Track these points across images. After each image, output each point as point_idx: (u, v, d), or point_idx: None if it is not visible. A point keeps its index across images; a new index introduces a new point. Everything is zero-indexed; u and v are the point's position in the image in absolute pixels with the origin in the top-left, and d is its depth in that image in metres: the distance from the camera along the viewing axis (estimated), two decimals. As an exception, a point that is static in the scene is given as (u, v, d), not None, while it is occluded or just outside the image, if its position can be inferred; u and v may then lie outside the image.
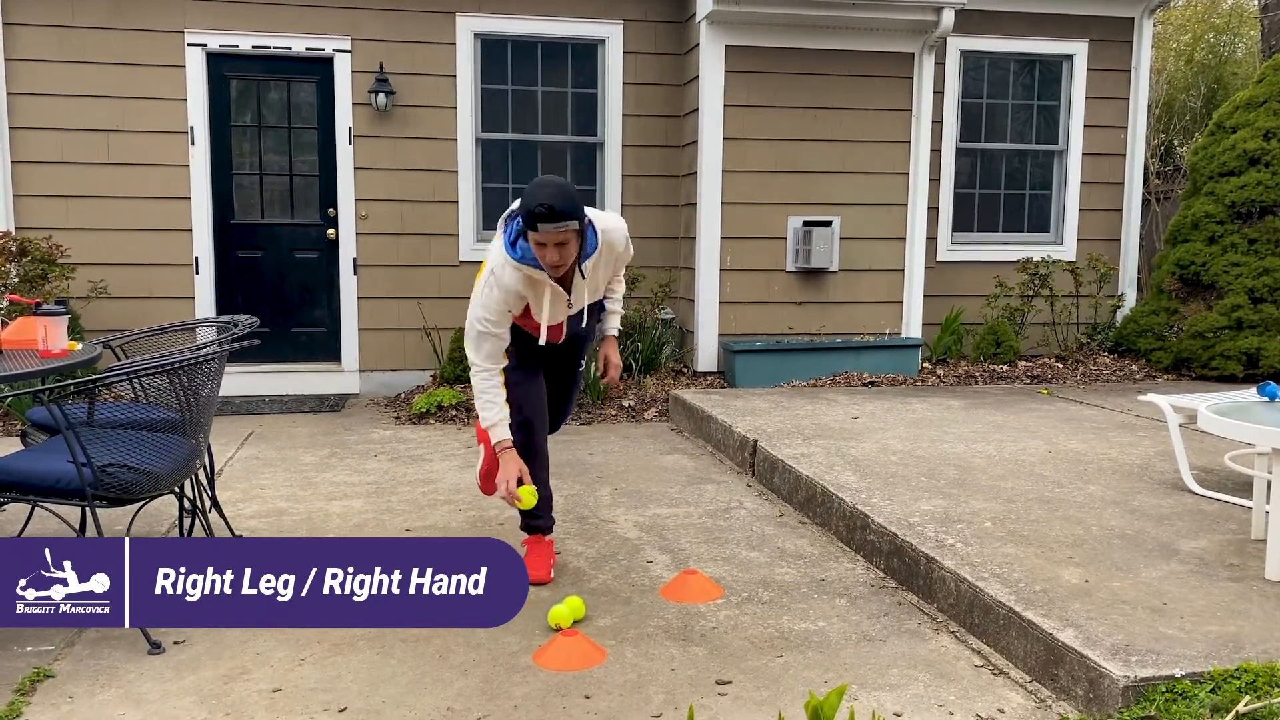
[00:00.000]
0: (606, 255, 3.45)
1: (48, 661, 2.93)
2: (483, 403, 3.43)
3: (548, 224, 3.10)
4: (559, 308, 3.43)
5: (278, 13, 7.25)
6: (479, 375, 3.43)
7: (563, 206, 3.09)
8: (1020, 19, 7.99)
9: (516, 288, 3.33)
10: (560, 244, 3.16)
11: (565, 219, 3.11)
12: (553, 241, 3.15)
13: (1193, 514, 3.93)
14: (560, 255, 3.19)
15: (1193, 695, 2.50)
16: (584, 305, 3.50)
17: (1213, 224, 7.59)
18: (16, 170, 7.03)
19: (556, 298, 3.39)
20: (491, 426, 3.43)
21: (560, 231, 3.12)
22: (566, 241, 3.17)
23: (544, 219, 3.09)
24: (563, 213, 3.09)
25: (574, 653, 2.95)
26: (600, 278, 3.51)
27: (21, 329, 3.75)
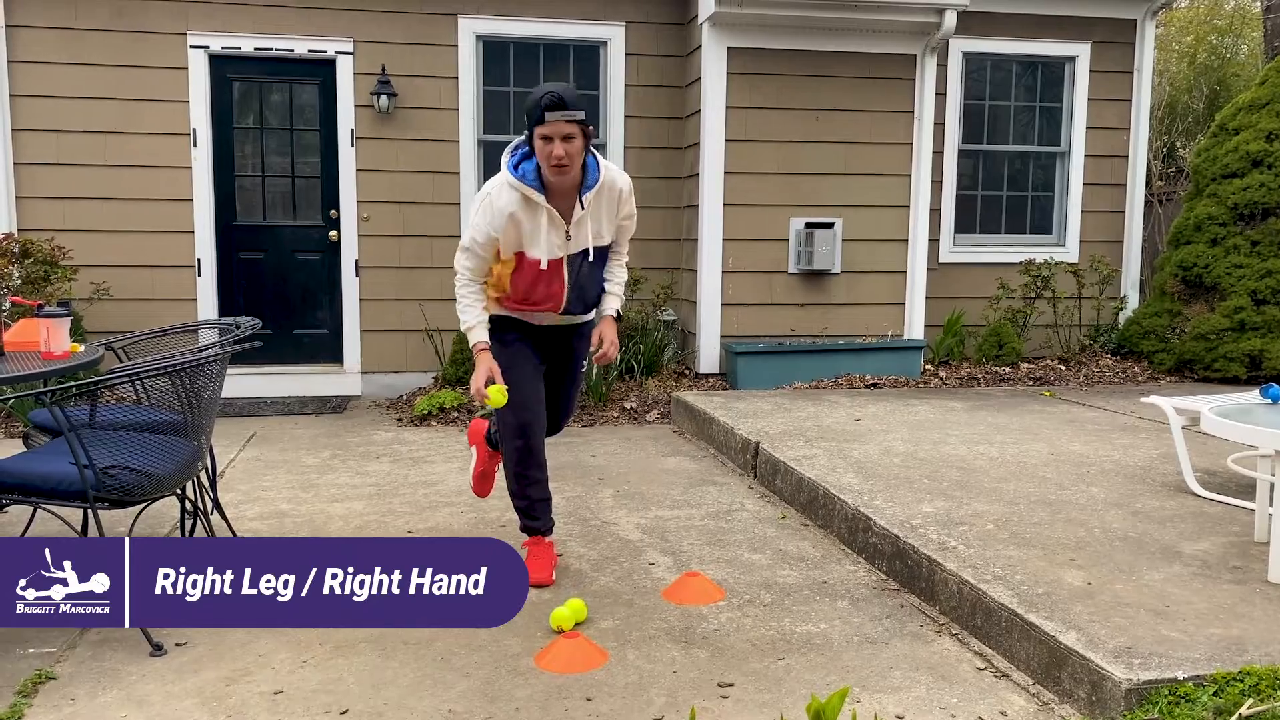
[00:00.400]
0: (608, 196, 3.43)
1: (50, 663, 2.93)
2: (462, 307, 3.48)
3: (556, 111, 3.14)
4: (554, 238, 3.38)
5: (280, 15, 7.26)
6: (460, 284, 3.49)
7: (570, 98, 3.17)
8: (1022, 20, 7.99)
9: (511, 208, 3.31)
10: (567, 137, 3.18)
11: (573, 107, 3.17)
12: (560, 134, 3.17)
13: (1196, 516, 3.93)
14: (566, 151, 3.19)
15: (1195, 698, 2.49)
16: (582, 246, 3.43)
17: (1215, 226, 7.58)
18: (19, 172, 7.04)
19: (552, 223, 3.36)
20: (470, 329, 3.46)
21: (568, 121, 3.16)
22: (573, 135, 3.19)
23: (553, 107, 3.14)
24: (570, 103, 3.16)
25: (576, 655, 2.95)
26: (603, 219, 3.46)
27: (24, 331, 3.76)
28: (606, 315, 3.71)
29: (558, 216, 3.35)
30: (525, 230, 3.36)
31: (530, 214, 3.34)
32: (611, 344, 3.61)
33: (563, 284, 3.46)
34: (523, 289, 3.48)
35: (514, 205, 3.32)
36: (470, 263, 3.46)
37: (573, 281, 3.49)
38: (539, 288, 3.46)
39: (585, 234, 3.43)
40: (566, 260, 3.44)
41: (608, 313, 3.71)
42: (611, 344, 3.61)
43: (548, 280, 3.44)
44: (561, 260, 3.43)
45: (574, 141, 3.20)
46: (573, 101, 3.18)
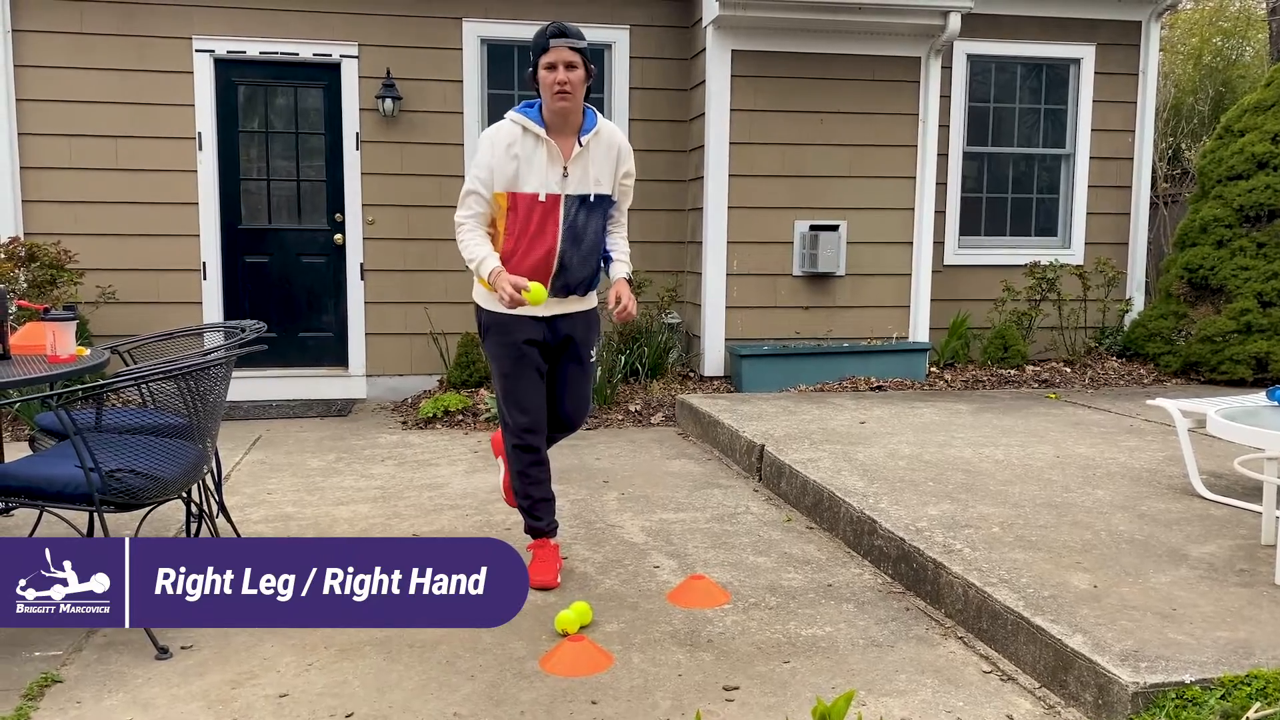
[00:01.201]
0: (607, 144, 3.52)
1: (55, 666, 2.94)
2: (469, 245, 3.45)
3: (560, 39, 3.32)
4: (552, 174, 3.41)
5: (285, 19, 7.27)
6: (461, 230, 3.49)
7: (573, 30, 3.36)
8: (1027, 22, 7.98)
9: (509, 140, 3.40)
10: (570, 65, 3.32)
11: (575, 38, 3.34)
12: (563, 60, 3.32)
13: (1202, 519, 3.91)
14: (568, 79, 3.32)
15: (1203, 701, 2.48)
16: (580, 188, 3.45)
17: (1221, 228, 7.57)
18: (26, 176, 7.06)
19: (550, 158, 3.42)
20: (481, 261, 3.41)
21: (570, 50, 3.32)
22: (576, 64, 3.34)
23: (557, 35, 3.31)
24: (573, 32, 3.35)
25: (581, 658, 2.95)
26: (602, 166, 3.50)
27: (30, 334, 3.77)
28: (618, 278, 3.62)
29: (556, 150, 3.42)
30: (522, 162, 3.40)
31: (529, 147, 3.41)
32: (629, 299, 3.54)
33: (557, 225, 3.44)
34: (515, 234, 3.44)
35: (514, 137, 3.41)
36: (473, 207, 3.47)
37: (567, 225, 3.45)
38: (531, 226, 3.42)
39: (582, 175, 3.46)
40: (563, 199, 3.44)
41: (620, 275, 3.64)
42: (629, 299, 3.54)
43: (540, 220, 3.42)
44: (558, 198, 3.44)
45: (576, 70, 3.35)
46: (575, 32, 3.36)
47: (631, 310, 3.54)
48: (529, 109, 3.45)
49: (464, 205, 3.50)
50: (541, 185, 3.41)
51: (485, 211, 3.48)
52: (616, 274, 3.65)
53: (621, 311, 3.52)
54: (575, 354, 3.68)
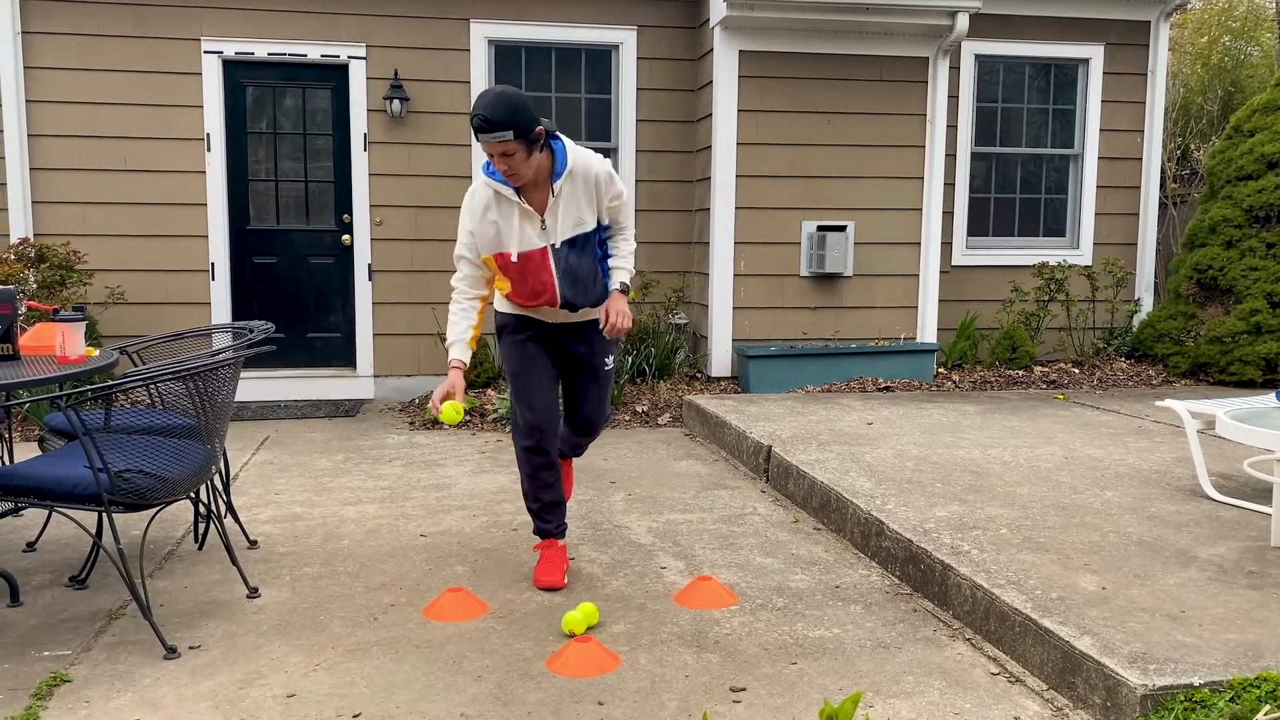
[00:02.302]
0: (583, 183, 3.41)
1: (64, 666, 2.95)
2: (451, 321, 3.52)
3: (484, 135, 3.15)
4: (530, 230, 3.40)
5: (293, 20, 7.29)
6: (454, 297, 3.53)
7: (497, 117, 3.10)
8: (1036, 22, 7.96)
9: (484, 205, 3.37)
10: (504, 154, 3.19)
11: (499, 129, 3.11)
12: (496, 152, 3.19)
13: (1211, 521, 3.90)
14: (509, 165, 3.22)
15: (1212, 704, 2.47)
16: (562, 237, 3.41)
17: (1230, 228, 7.54)
18: (35, 177, 7.09)
19: (525, 217, 3.39)
20: (449, 345, 3.50)
21: (499, 142, 3.15)
22: (510, 153, 3.19)
23: (480, 130, 3.14)
24: (496, 123, 3.10)
25: (588, 659, 2.95)
26: (582, 205, 3.43)
27: (40, 335, 3.78)
28: (614, 290, 3.56)
29: (529, 210, 3.38)
30: (501, 226, 3.39)
31: (504, 209, 3.39)
32: (619, 314, 3.46)
33: (551, 274, 3.44)
34: (517, 285, 3.49)
35: (487, 201, 3.38)
36: (464, 270, 3.50)
37: (561, 270, 3.44)
38: (528, 281, 3.45)
39: (560, 222, 3.42)
40: (551, 250, 3.44)
41: (614, 286, 3.57)
42: (619, 314, 3.46)
43: (535, 272, 3.43)
44: (545, 250, 3.43)
45: (513, 158, 3.21)
46: (500, 120, 3.10)
47: (621, 326, 3.45)
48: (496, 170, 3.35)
49: (457, 268, 3.52)
50: (524, 244, 3.41)
51: (477, 274, 3.50)
52: (612, 282, 3.59)
53: (610, 329, 3.45)
54: (587, 362, 3.68)
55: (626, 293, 3.59)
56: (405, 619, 3.33)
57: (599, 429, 3.86)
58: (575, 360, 3.69)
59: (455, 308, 3.52)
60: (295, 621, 3.30)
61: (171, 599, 3.50)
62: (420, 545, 4.12)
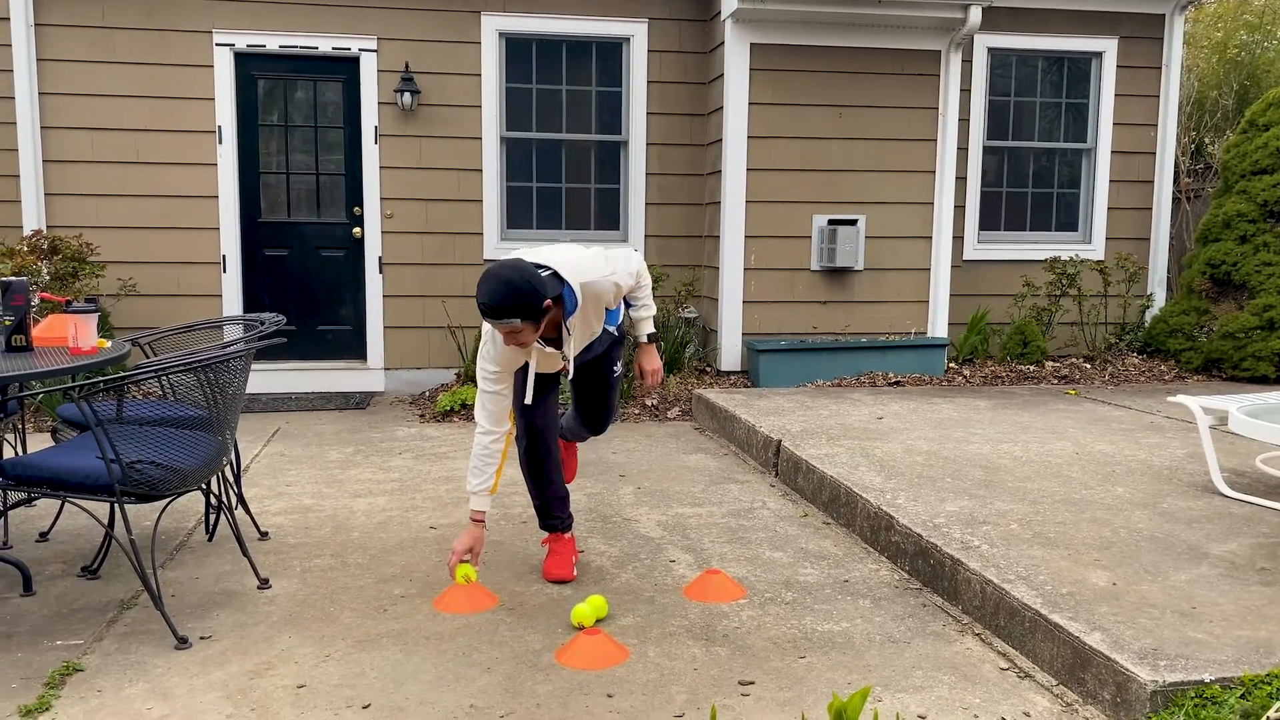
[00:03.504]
0: (594, 305, 3.38)
1: (77, 655, 2.97)
2: (474, 468, 3.42)
3: (488, 319, 3.08)
4: (551, 361, 3.44)
5: (304, 13, 7.30)
6: (480, 438, 3.41)
7: (499, 303, 3.01)
8: (1049, 16, 7.92)
9: (504, 349, 3.34)
10: (511, 332, 3.11)
11: (506, 316, 3.04)
12: (503, 332, 3.12)
13: (1223, 517, 3.88)
14: (516, 340, 3.16)
15: (1222, 700, 2.46)
16: (574, 353, 3.47)
17: (1244, 223, 7.49)
18: (48, 169, 7.12)
19: (544, 357, 3.40)
20: (471, 494, 3.42)
21: (505, 325, 3.07)
22: (517, 331, 3.11)
23: (484, 314, 3.07)
24: (499, 310, 3.02)
25: (597, 651, 2.95)
26: (593, 322, 3.45)
27: (52, 326, 3.80)
28: (642, 343, 3.68)
29: (547, 350, 3.37)
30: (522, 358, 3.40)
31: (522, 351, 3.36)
32: (653, 373, 3.67)
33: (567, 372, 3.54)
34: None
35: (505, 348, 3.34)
36: (491, 405, 3.40)
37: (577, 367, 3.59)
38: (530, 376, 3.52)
39: (577, 346, 3.46)
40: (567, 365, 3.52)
41: (642, 340, 3.68)
42: (653, 373, 3.67)
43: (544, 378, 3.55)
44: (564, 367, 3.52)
45: (520, 334, 3.14)
46: (506, 309, 3.02)
47: (654, 384, 3.70)
48: None
49: (482, 405, 3.41)
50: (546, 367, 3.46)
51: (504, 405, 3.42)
52: (640, 335, 3.70)
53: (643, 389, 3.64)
54: (598, 365, 3.71)
55: (654, 341, 3.70)
56: (415, 610, 3.34)
57: (608, 426, 3.92)
58: (584, 369, 3.70)
59: (481, 450, 3.41)
60: (305, 613, 3.31)
61: (183, 589, 3.52)
62: (430, 537, 4.14)
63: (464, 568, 3.46)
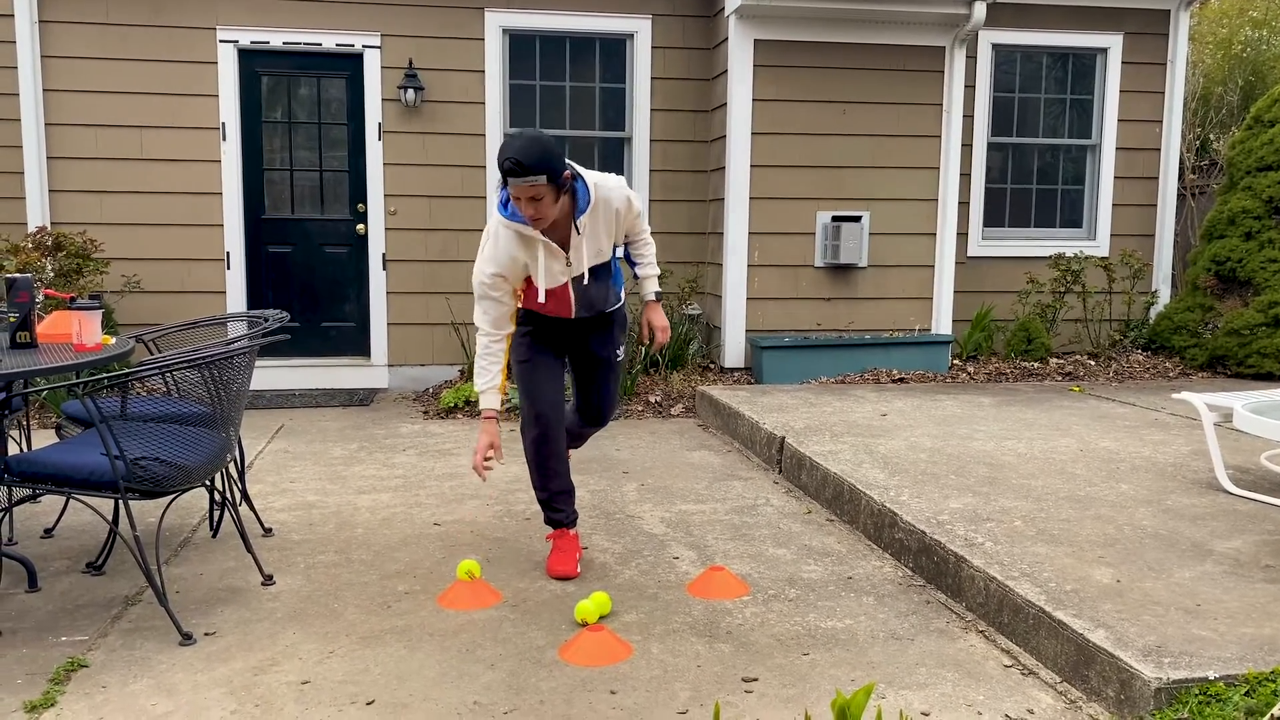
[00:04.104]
0: (604, 213, 3.42)
1: (81, 651, 2.97)
2: (478, 368, 3.50)
3: (515, 179, 3.12)
4: (555, 266, 3.40)
5: (308, 9, 7.30)
6: (480, 339, 3.50)
7: (530, 161, 3.08)
8: (1053, 12, 7.90)
9: (510, 247, 3.35)
10: (533, 198, 3.17)
11: (532, 173, 3.09)
12: (525, 196, 3.17)
13: (1228, 514, 3.88)
14: (535, 210, 3.20)
15: (1226, 698, 2.46)
16: (585, 268, 3.44)
17: (1250, 219, 7.47)
18: (52, 166, 7.13)
19: (551, 254, 3.38)
20: (480, 393, 3.49)
21: (530, 185, 3.13)
22: (539, 196, 3.17)
23: (511, 174, 3.12)
24: (530, 167, 3.08)
25: (600, 648, 2.95)
26: (603, 238, 3.46)
27: (56, 323, 3.80)
28: (649, 301, 3.72)
29: (555, 247, 3.38)
30: (528, 262, 3.40)
31: (528, 248, 3.37)
32: (662, 329, 3.69)
33: (570, 302, 3.51)
34: (535, 302, 3.52)
35: (512, 243, 3.36)
36: (491, 310, 3.45)
37: (579, 297, 3.52)
38: (549, 304, 3.50)
39: (584, 256, 3.44)
40: (573, 282, 3.48)
41: (648, 297, 3.72)
42: (662, 329, 3.69)
43: (555, 300, 3.49)
44: (566, 284, 3.47)
45: (541, 201, 3.18)
46: (533, 164, 3.08)
47: (664, 340, 3.69)
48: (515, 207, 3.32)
49: (481, 310, 3.46)
50: (550, 280, 3.42)
51: (504, 312, 3.47)
52: (646, 293, 3.73)
53: (657, 346, 3.68)
54: (601, 350, 3.71)
55: (659, 300, 3.72)
56: (419, 607, 3.34)
57: (608, 418, 3.88)
58: (586, 352, 3.72)
59: (484, 352, 3.48)
60: (309, 609, 3.32)
61: (187, 586, 3.52)
62: (434, 534, 4.14)
63: (467, 564, 3.47)
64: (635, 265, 3.74)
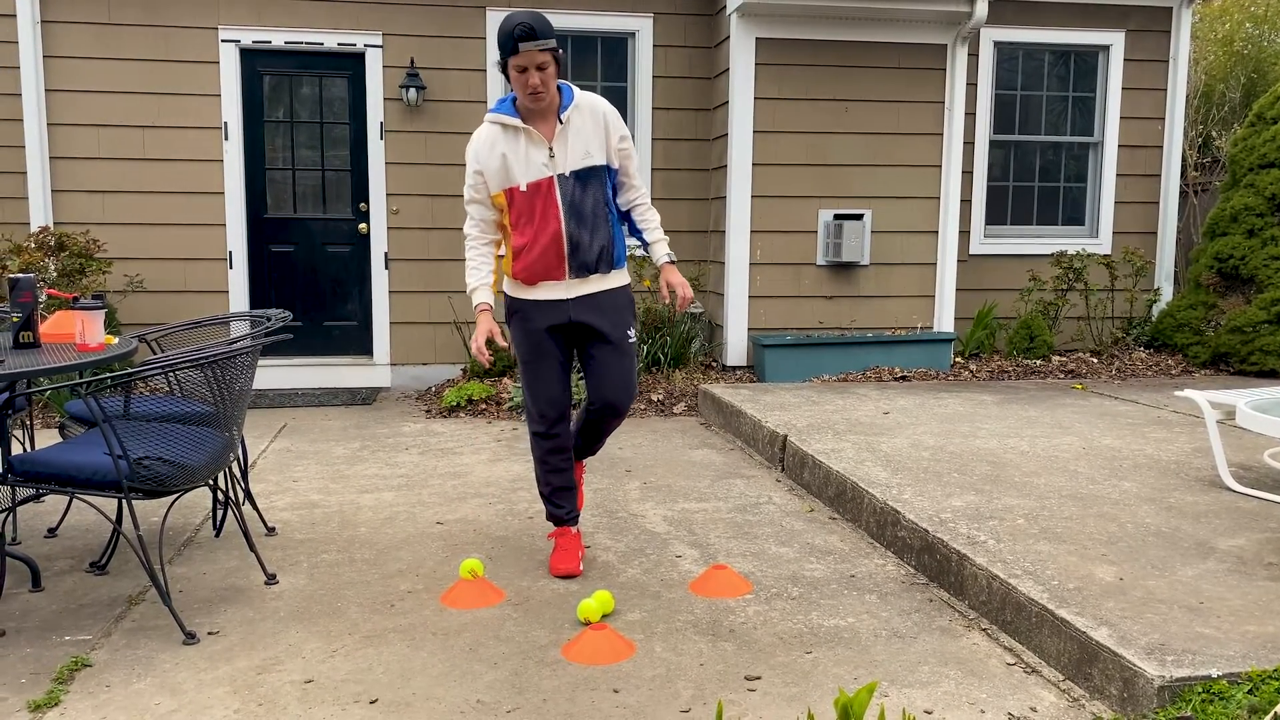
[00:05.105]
0: (591, 115, 3.48)
1: (85, 650, 2.98)
2: (468, 268, 3.57)
3: (528, 42, 3.23)
4: (537, 157, 3.41)
5: (310, 8, 7.30)
6: (467, 244, 3.60)
7: (540, 26, 3.23)
8: (1056, 9, 7.89)
9: (490, 141, 3.42)
10: (541, 66, 3.28)
11: (544, 37, 3.24)
12: (534, 63, 3.27)
13: (1230, 512, 3.87)
14: (540, 80, 3.29)
15: (1230, 696, 2.46)
16: (571, 167, 3.44)
17: (1252, 216, 7.46)
18: (55, 166, 7.14)
19: (532, 142, 3.41)
20: (473, 290, 3.54)
21: (541, 50, 3.25)
22: (546, 65, 3.29)
23: (525, 37, 3.22)
24: (541, 31, 3.23)
25: (603, 647, 2.96)
26: (589, 138, 3.47)
27: (59, 323, 3.81)
28: (663, 264, 3.69)
29: (537, 134, 3.42)
30: (509, 157, 3.42)
31: (511, 140, 3.42)
32: (682, 285, 3.64)
33: (557, 208, 3.43)
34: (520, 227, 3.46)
35: (494, 136, 3.43)
36: (475, 214, 3.54)
37: (567, 204, 3.44)
38: (536, 216, 3.43)
39: (569, 151, 3.45)
40: (557, 180, 3.44)
41: (662, 260, 3.69)
42: (682, 285, 3.64)
43: (542, 205, 3.43)
44: (552, 180, 3.43)
45: (547, 70, 3.31)
46: (543, 30, 3.25)
47: (688, 296, 3.64)
48: (502, 104, 3.47)
49: (468, 216, 3.58)
50: (532, 173, 3.43)
51: (488, 217, 3.54)
52: (659, 257, 3.71)
53: (682, 303, 3.63)
54: (605, 336, 3.56)
55: (674, 262, 3.72)
56: (422, 606, 3.34)
57: (625, 410, 3.65)
58: (595, 336, 3.57)
59: (472, 253, 3.56)
60: (313, 608, 3.32)
61: (190, 585, 3.53)
62: (437, 533, 4.14)
63: (470, 562, 3.47)
64: (643, 232, 3.71)
